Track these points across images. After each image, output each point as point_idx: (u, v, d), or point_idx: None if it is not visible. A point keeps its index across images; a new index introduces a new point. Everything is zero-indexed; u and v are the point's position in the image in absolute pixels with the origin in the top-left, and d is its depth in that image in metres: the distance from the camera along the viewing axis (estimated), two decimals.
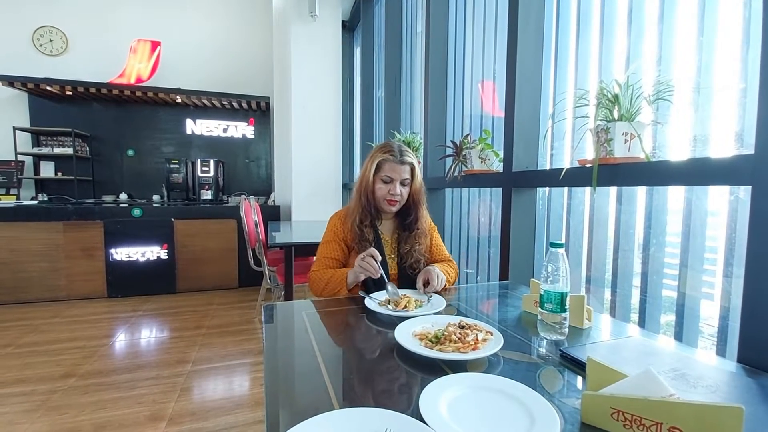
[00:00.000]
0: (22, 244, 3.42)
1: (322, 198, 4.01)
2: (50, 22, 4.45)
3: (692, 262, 1.08)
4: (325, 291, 1.28)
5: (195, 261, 3.94)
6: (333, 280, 1.26)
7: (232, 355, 2.47)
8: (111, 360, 2.39)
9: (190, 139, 4.91)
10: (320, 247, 1.39)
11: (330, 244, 1.37)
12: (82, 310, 3.31)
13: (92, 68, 4.48)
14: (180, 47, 4.81)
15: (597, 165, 1.06)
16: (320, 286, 1.29)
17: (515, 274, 1.55)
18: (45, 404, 1.88)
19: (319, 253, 1.38)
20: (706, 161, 0.88)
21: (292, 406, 0.62)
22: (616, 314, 1.32)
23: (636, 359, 0.74)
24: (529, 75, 1.50)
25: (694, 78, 1.05)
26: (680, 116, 1.08)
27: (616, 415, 0.52)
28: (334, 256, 1.36)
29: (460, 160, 1.88)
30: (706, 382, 0.66)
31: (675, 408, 0.48)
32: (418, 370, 0.72)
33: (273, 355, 0.80)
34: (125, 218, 3.70)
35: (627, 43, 1.22)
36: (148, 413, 1.82)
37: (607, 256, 1.35)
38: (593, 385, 0.57)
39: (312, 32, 3.87)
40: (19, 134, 4.24)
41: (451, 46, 2.31)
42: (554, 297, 0.84)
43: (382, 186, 1.32)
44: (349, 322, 1.01)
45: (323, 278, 1.29)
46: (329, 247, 1.37)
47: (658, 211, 1.16)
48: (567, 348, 0.78)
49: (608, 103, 1.04)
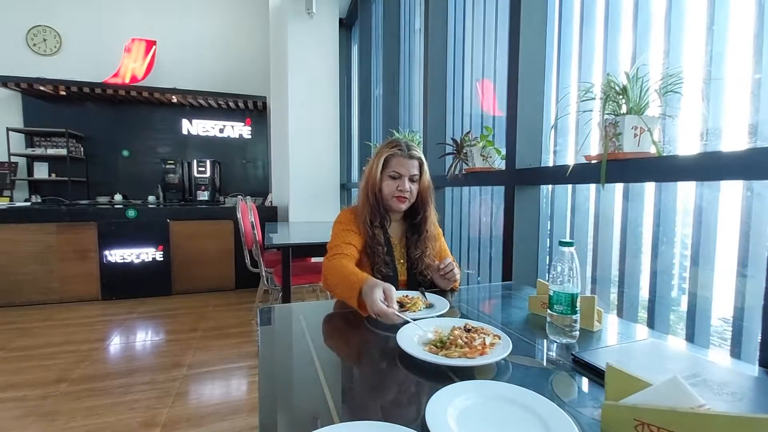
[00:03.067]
0: (15, 247, 3.36)
1: (320, 199, 3.96)
2: (44, 22, 4.38)
3: (704, 261, 1.04)
4: (336, 291, 1.10)
5: (191, 262, 3.88)
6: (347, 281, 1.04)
7: (229, 359, 2.42)
8: (104, 364, 2.34)
9: (186, 140, 4.85)
10: (335, 235, 1.27)
11: (347, 232, 1.26)
12: (75, 313, 3.25)
13: (86, 68, 4.42)
14: (175, 46, 4.75)
15: (605, 161, 1.02)
16: (334, 281, 1.11)
17: (519, 275, 1.51)
18: (37, 410, 1.83)
19: (335, 239, 1.25)
20: (721, 155, 0.84)
21: (288, 418, 0.58)
22: (624, 315, 1.28)
23: (653, 364, 0.70)
24: (533, 69, 1.46)
25: (705, 69, 1.01)
26: (691, 109, 1.04)
27: (641, 427, 0.48)
28: (351, 241, 1.23)
29: (461, 158, 1.83)
30: (729, 388, 0.62)
31: (708, 420, 0.44)
32: (423, 377, 0.68)
33: (268, 361, 0.75)
34: (120, 219, 3.64)
35: (633, 34, 1.18)
36: (141, 419, 1.77)
37: (614, 255, 1.31)
38: (613, 394, 0.53)
39: (309, 30, 3.82)
40: (12, 135, 4.17)
41: (451, 42, 2.27)
42: (564, 298, 0.80)
43: (390, 183, 1.25)
44: (348, 326, 0.97)
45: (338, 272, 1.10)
46: (346, 234, 1.25)
47: (667, 208, 1.12)
48: (579, 352, 0.74)
49: (616, 96, 1.00)
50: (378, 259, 1.24)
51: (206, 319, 3.15)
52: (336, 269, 1.12)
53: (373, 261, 1.25)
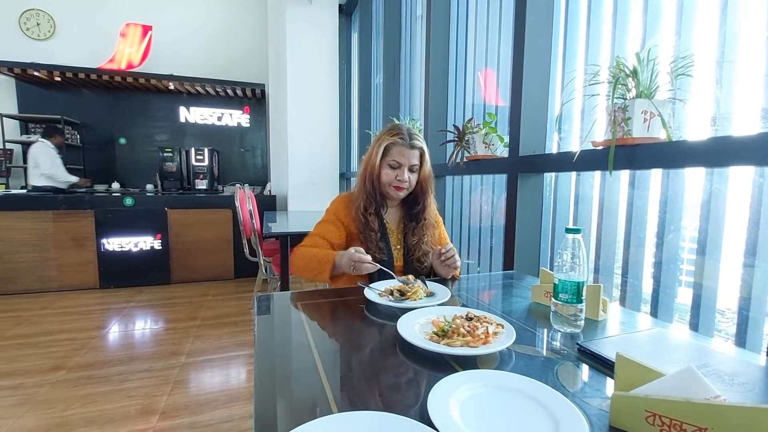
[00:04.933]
0: (11, 234, 3.33)
1: (319, 188, 3.93)
2: (37, 5, 4.29)
3: (710, 250, 1.02)
4: (305, 272, 1.17)
5: (190, 251, 3.86)
6: (315, 259, 1.13)
7: (228, 347, 2.42)
8: (102, 352, 2.33)
9: (183, 128, 4.80)
10: (316, 226, 1.29)
11: (327, 225, 1.27)
12: (73, 302, 3.24)
13: (81, 53, 4.34)
14: (172, 32, 4.66)
15: (614, 146, 0.98)
16: (301, 264, 1.18)
17: (521, 264, 1.49)
18: (32, 398, 1.82)
19: (313, 231, 1.28)
20: (733, 140, 0.81)
21: (284, 407, 0.56)
22: (626, 303, 1.26)
23: (661, 354, 0.68)
24: (538, 52, 1.42)
25: (718, 50, 0.97)
26: (701, 93, 1.00)
27: (652, 419, 0.46)
28: (328, 237, 1.25)
29: (462, 146, 1.80)
30: (740, 379, 0.60)
31: (724, 411, 0.42)
32: (424, 367, 0.66)
33: (265, 349, 0.73)
34: (117, 207, 3.61)
35: (643, 15, 1.14)
36: (139, 407, 1.77)
37: (618, 243, 1.28)
38: (623, 385, 0.51)
39: (308, 16, 3.74)
40: (6, 122, 4.12)
41: (453, 29, 2.22)
42: (570, 287, 0.77)
43: (389, 171, 1.23)
44: (347, 314, 0.94)
45: (306, 255, 1.17)
46: (326, 227, 1.27)
47: (675, 196, 1.09)
48: (585, 342, 0.71)
49: (626, 79, 0.97)
50: (372, 245, 1.22)
51: (205, 308, 3.14)
52: (302, 254, 1.20)
53: (366, 247, 1.22)
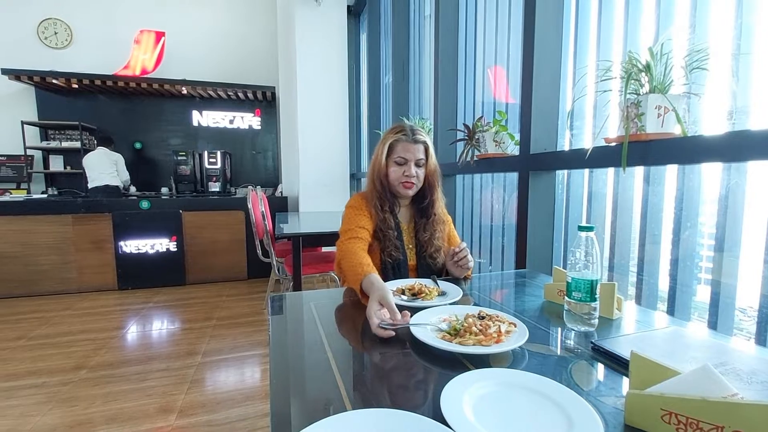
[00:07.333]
0: (33, 237, 3.44)
1: (330, 188, 3.95)
2: (55, 15, 4.41)
3: (729, 246, 1.00)
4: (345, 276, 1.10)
5: (204, 253, 3.93)
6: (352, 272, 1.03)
7: (243, 347, 2.45)
8: (121, 352, 2.39)
9: (196, 131, 4.88)
10: (347, 218, 1.25)
11: (359, 216, 1.24)
12: (93, 303, 3.33)
13: (97, 60, 4.44)
14: (184, 37, 4.74)
15: (627, 143, 0.97)
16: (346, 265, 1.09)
17: (533, 262, 1.48)
18: (56, 396, 1.88)
19: (347, 222, 1.24)
20: (751, 134, 0.79)
21: (300, 405, 0.57)
22: (642, 302, 1.24)
23: (677, 352, 0.67)
24: (549, 48, 1.40)
25: (734, 42, 0.95)
26: (717, 86, 0.98)
27: (668, 417, 0.45)
28: (363, 224, 1.22)
29: (472, 144, 1.79)
30: (759, 377, 0.59)
31: (741, 409, 0.41)
32: (436, 365, 0.66)
33: (280, 348, 0.75)
34: (134, 210, 3.69)
35: (656, 8, 1.12)
36: (158, 405, 1.81)
37: (633, 241, 1.27)
38: (638, 383, 0.51)
39: (317, 18, 3.77)
40: (27, 128, 4.24)
41: (462, 27, 2.21)
42: (583, 285, 0.77)
43: (396, 168, 1.24)
44: (360, 314, 0.95)
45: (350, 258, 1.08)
46: (358, 218, 1.23)
47: (691, 191, 1.07)
48: (599, 340, 0.71)
49: (638, 74, 0.96)
50: (388, 243, 1.23)
51: (220, 309, 3.19)
52: (349, 253, 1.11)
53: (384, 245, 1.23)
